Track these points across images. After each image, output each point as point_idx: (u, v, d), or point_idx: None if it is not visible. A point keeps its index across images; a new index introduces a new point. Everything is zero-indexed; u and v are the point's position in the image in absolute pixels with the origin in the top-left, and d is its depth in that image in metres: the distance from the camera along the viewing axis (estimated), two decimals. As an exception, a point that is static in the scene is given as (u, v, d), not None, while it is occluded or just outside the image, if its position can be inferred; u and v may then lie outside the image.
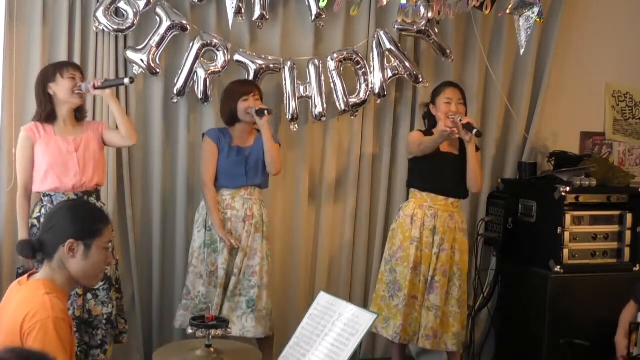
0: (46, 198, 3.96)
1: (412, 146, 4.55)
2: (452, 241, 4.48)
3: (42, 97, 3.98)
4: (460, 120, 4.42)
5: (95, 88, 3.94)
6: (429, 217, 4.46)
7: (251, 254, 4.35)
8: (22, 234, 3.96)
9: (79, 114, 4.04)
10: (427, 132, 4.57)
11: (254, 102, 4.35)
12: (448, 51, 4.97)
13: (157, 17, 4.48)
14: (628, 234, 4.81)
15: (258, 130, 4.43)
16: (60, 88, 3.94)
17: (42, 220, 3.90)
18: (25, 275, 2.69)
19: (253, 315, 4.30)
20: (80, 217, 2.68)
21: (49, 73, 3.98)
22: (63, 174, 3.94)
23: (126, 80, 3.98)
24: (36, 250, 2.64)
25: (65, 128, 3.99)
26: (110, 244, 2.75)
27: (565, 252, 4.66)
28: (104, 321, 3.94)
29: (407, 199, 4.65)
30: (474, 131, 4.38)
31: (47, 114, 3.97)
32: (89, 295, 3.92)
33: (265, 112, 4.29)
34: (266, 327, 4.35)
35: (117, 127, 4.13)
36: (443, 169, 4.47)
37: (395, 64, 4.89)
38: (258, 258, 4.35)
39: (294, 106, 4.71)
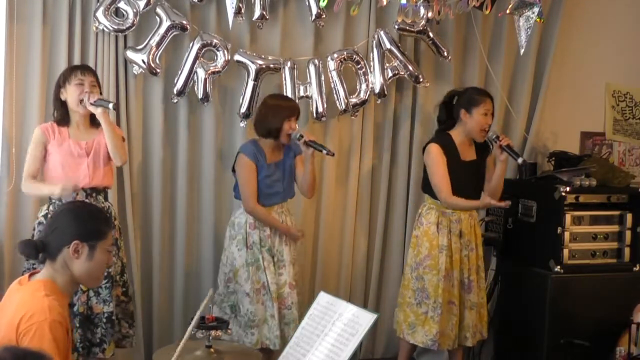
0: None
1: (435, 183, 4.40)
2: (475, 239, 4.52)
3: (55, 101, 4.03)
4: (500, 140, 4.40)
5: (90, 104, 3.93)
6: (454, 222, 4.45)
7: (293, 263, 4.41)
8: (50, 190, 3.92)
9: (94, 119, 4.01)
10: (445, 142, 4.45)
11: (294, 125, 4.31)
12: (445, 52, 4.96)
13: (157, 17, 4.48)
14: (628, 234, 4.81)
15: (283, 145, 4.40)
16: (69, 95, 3.96)
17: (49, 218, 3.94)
18: (26, 275, 2.70)
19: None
20: (85, 219, 2.69)
21: (62, 78, 4.01)
22: (74, 177, 3.95)
23: (110, 105, 3.93)
24: (39, 250, 2.65)
25: (79, 132, 4.01)
26: (113, 247, 2.76)
27: (565, 252, 4.66)
28: (104, 319, 3.94)
29: (420, 200, 4.66)
30: (520, 160, 4.46)
31: (59, 118, 4.00)
32: (91, 293, 3.93)
33: (322, 150, 4.24)
34: None
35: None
36: (464, 176, 4.44)
37: (396, 64, 4.89)
38: (297, 266, 4.45)
39: (294, 106, 4.71)
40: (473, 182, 4.50)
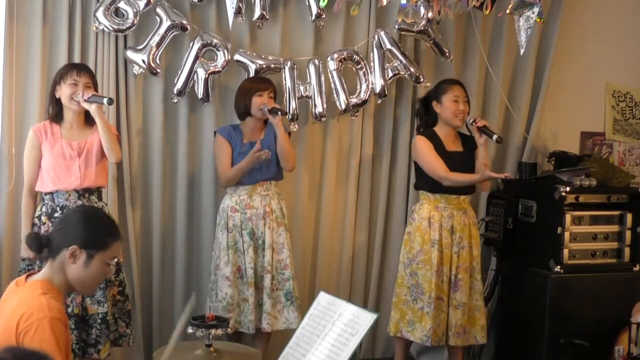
0: (47, 196, 4.01)
1: (429, 166, 4.44)
2: (469, 237, 4.52)
3: (50, 97, 4.05)
4: (476, 122, 4.46)
5: (84, 101, 3.95)
6: (445, 218, 4.47)
7: (279, 248, 4.42)
8: (25, 233, 3.96)
9: (88, 117, 4.03)
10: (429, 134, 4.52)
11: (267, 99, 4.38)
12: (447, 51, 4.97)
13: (157, 17, 4.48)
14: (628, 234, 4.80)
15: (265, 121, 4.46)
16: (63, 93, 3.98)
17: (42, 218, 3.99)
18: (23, 276, 2.70)
19: (294, 307, 4.42)
20: (90, 225, 2.68)
21: (58, 75, 4.03)
22: (65, 178, 3.98)
23: (105, 100, 3.95)
24: (43, 245, 2.65)
25: (71, 131, 4.03)
26: (114, 260, 2.72)
27: (565, 252, 4.66)
28: (99, 320, 3.95)
29: (417, 200, 4.66)
30: (495, 137, 4.44)
31: (53, 114, 4.03)
32: None
33: (279, 112, 4.34)
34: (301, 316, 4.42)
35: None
36: (452, 166, 4.45)
37: (396, 64, 4.89)
38: (286, 251, 4.44)
39: (294, 106, 4.71)
40: (460, 172, 4.49)
